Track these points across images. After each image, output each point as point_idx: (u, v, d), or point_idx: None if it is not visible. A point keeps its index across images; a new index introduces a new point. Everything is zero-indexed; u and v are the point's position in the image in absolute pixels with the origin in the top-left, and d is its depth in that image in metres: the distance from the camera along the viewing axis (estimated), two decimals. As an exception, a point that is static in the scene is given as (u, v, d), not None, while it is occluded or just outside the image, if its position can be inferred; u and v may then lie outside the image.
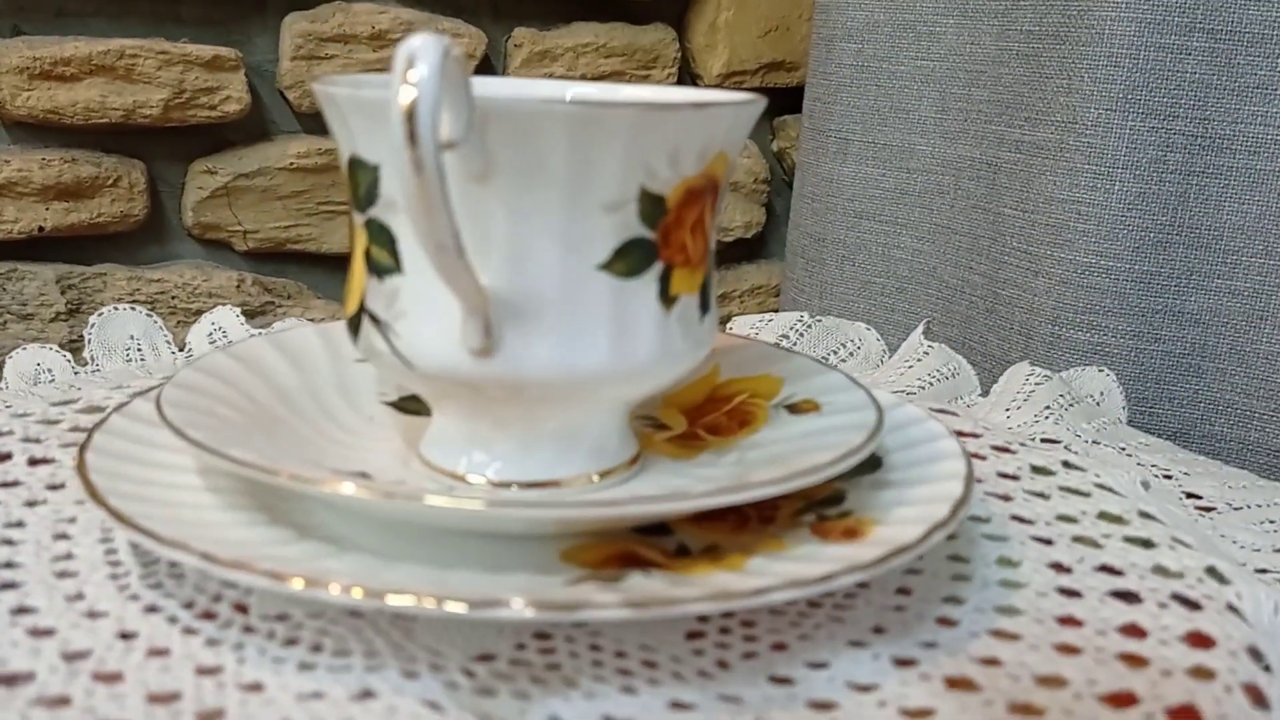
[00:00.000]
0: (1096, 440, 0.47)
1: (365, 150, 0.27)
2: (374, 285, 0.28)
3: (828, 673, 0.24)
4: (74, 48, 0.67)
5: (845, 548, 0.25)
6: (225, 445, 0.26)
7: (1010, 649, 0.26)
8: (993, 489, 0.38)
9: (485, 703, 0.22)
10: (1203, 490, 0.42)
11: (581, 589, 0.24)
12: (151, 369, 0.55)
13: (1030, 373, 0.51)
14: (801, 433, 0.32)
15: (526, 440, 0.29)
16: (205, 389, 0.30)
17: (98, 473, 0.26)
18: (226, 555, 0.23)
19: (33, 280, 0.70)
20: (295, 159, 0.74)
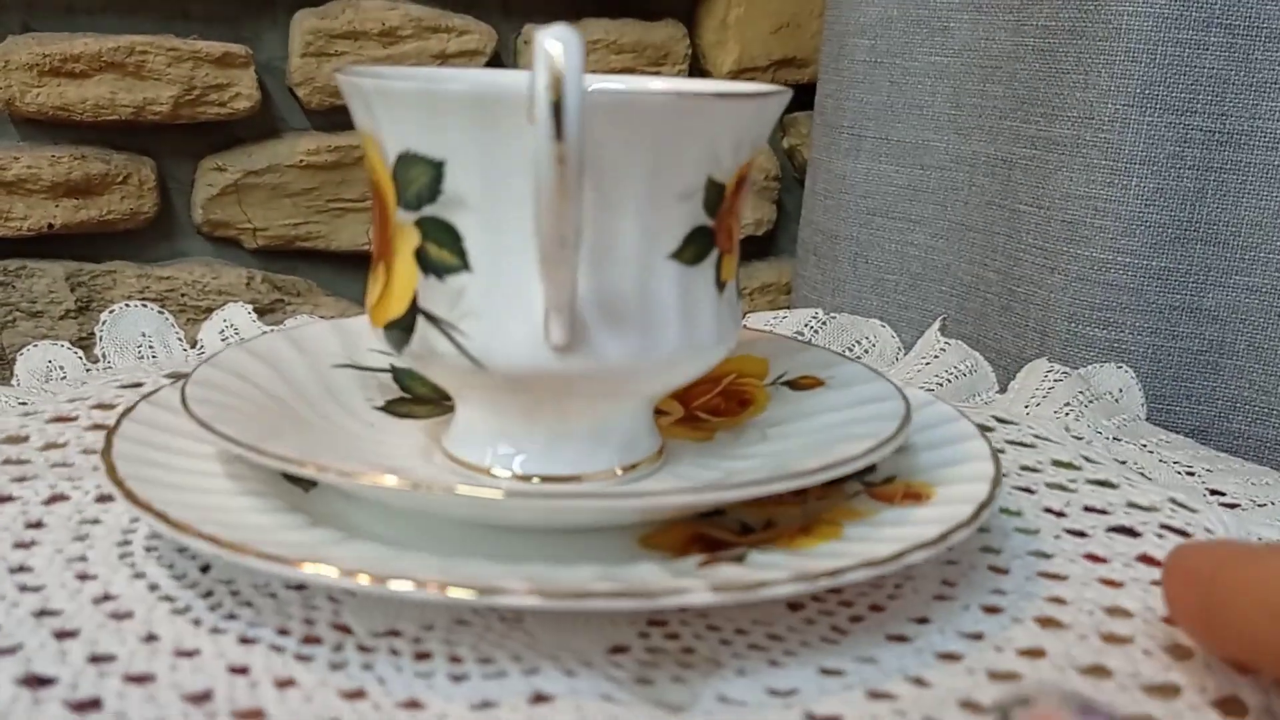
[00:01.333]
0: (1117, 437, 0.46)
1: (425, 146, 0.26)
2: (431, 285, 0.27)
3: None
4: (84, 44, 0.67)
5: (922, 509, 0.26)
6: (255, 440, 0.25)
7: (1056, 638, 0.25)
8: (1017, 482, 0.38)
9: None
10: (1226, 487, 0.42)
11: (679, 578, 0.24)
12: (163, 366, 0.55)
13: (1049, 369, 0.51)
14: (818, 408, 0.32)
15: (553, 435, 0.29)
16: (226, 385, 0.30)
17: (123, 459, 0.26)
18: (234, 539, 0.23)
19: (42, 277, 0.70)
20: (305, 156, 0.74)
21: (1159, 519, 0.34)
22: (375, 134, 0.27)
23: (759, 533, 0.28)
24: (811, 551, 0.25)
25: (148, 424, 0.29)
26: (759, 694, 0.23)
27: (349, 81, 0.27)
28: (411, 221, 0.27)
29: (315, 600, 0.26)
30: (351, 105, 0.28)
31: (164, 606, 0.25)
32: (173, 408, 0.30)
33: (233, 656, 0.23)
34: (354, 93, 0.27)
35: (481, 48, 0.76)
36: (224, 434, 0.25)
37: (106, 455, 0.26)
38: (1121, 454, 0.44)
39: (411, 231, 0.27)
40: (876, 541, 0.25)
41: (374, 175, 0.28)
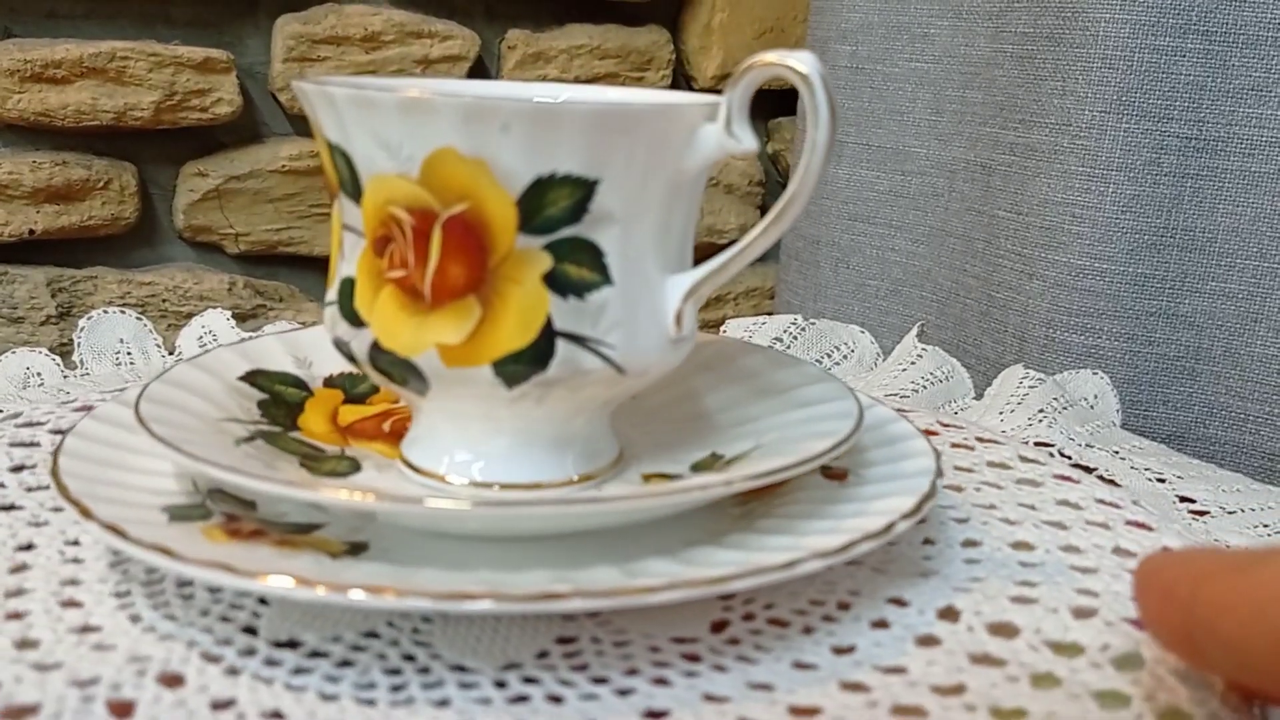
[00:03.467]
0: (1090, 444, 0.47)
1: (581, 167, 0.26)
2: (570, 306, 0.27)
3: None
4: (65, 50, 0.66)
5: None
6: (209, 454, 0.25)
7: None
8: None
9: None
10: (1196, 494, 0.42)
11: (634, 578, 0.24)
12: (141, 372, 0.55)
13: (1024, 376, 0.51)
14: (749, 393, 0.34)
15: (513, 443, 0.29)
16: (177, 401, 0.30)
17: (71, 476, 0.26)
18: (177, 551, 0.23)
19: (23, 283, 0.70)
20: (287, 161, 0.74)
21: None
22: (491, 164, 0.25)
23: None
24: (765, 544, 0.26)
25: (94, 438, 0.29)
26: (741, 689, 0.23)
27: (465, 105, 0.25)
28: (539, 246, 0.26)
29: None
30: (480, 130, 0.25)
31: (112, 603, 0.25)
32: (122, 425, 0.29)
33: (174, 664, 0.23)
34: (499, 115, 0.25)
35: (465, 53, 0.76)
36: (181, 449, 0.25)
37: (55, 470, 0.26)
38: (1093, 460, 0.44)
39: (538, 257, 0.26)
40: (830, 534, 0.25)
41: (474, 208, 0.26)
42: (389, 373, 0.28)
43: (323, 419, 0.32)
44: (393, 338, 0.27)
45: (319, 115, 0.27)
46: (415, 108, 0.25)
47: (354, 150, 0.27)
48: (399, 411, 0.33)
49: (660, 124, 0.27)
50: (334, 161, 0.27)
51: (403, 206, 0.26)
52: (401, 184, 0.26)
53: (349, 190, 0.27)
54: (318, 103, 0.27)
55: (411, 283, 0.27)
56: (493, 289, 0.26)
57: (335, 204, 0.29)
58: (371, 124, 0.26)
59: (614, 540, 0.26)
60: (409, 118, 0.25)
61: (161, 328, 0.73)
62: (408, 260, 0.26)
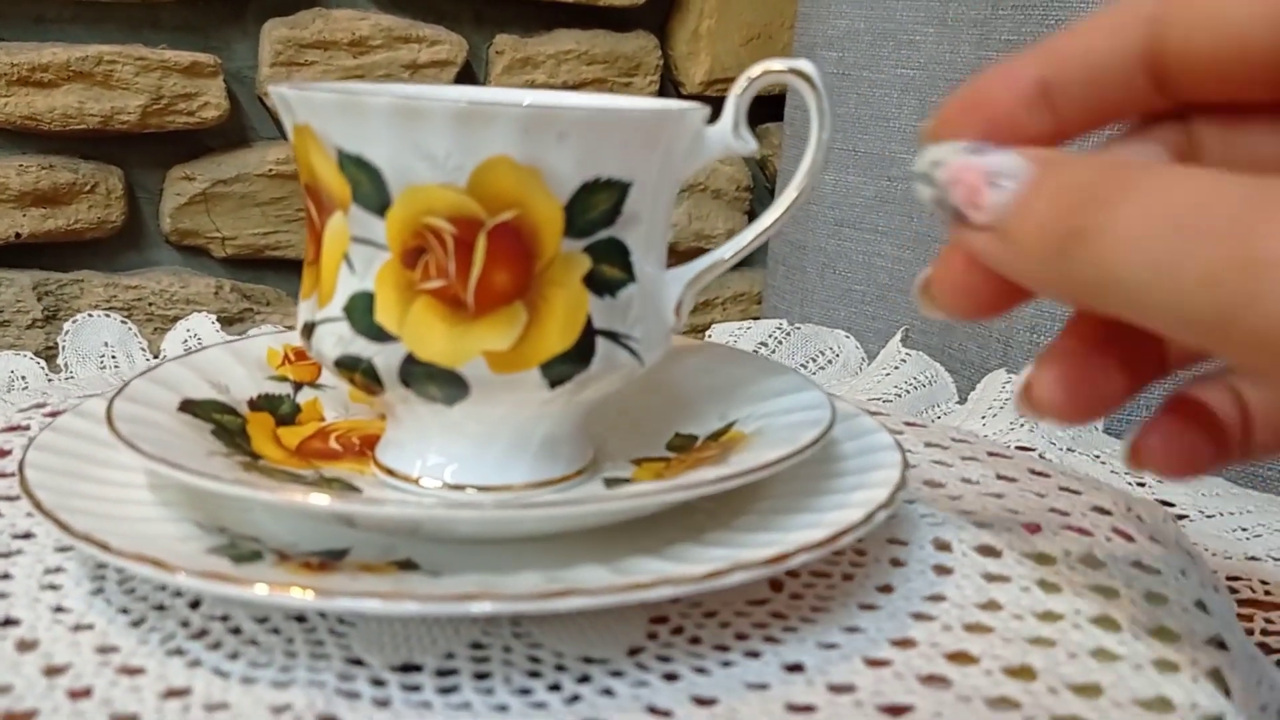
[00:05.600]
0: (1071, 448, 0.47)
1: (620, 171, 0.27)
2: (606, 304, 0.28)
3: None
4: (52, 54, 0.66)
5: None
6: (178, 457, 0.25)
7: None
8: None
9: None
10: (1175, 498, 0.42)
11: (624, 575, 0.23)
12: (125, 375, 0.55)
13: (1007, 380, 0.51)
14: (707, 383, 0.34)
15: (479, 444, 0.29)
16: (152, 399, 0.29)
17: (40, 483, 0.25)
18: (126, 548, 0.22)
19: (9, 287, 0.70)
20: (274, 165, 0.74)
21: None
22: (538, 169, 0.25)
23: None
24: (750, 539, 0.25)
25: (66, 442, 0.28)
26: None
27: (525, 115, 0.25)
28: (581, 249, 0.27)
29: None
30: (530, 137, 0.25)
31: (75, 635, 0.25)
32: (89, 431, 0.29)
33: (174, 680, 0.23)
34: (537, 126, 0.25)
35: (453, 58, 0.76)
36: (150, 454, 0.25)
37: (22, 473, 0.26)
38: (1074, 465, 0.44)
39: (580, 259, 0.27)
40: (815, 528, 0.25)
41: (523, 215, 0.26)
42: (420, 385, 0.27)
43: (271, 444, 0.31)
44: (431, 349, 0.26)
45: (328, 126, 0.26)
46: (471, 117, 0.25)
47: (382, 161, 0.26)
48: (333, 428, 0.33)
49: (679, 128, 0.28)
50: (346, 173, 0.26)
51: (443, 217, 0.26)
52: (444, 194, 0.25)
53: (369, 202, 0.26)
54: (330, 113, 0.26)
55: (452, 293, 0.26)
56: (538, 293, 0.27)
57: (333, 218, 0.27)
58: (414, 134, 0.25)
59: (598, 539, 0.26)
60: (462, 128, 0.25)
61: (148, 331, 0.73)
62: (447, 270, 0.26)
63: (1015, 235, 0.22)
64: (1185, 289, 0.19)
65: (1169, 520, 0.33)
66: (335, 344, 0.28)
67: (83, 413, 0.31)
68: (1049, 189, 0.22)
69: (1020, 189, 0.22)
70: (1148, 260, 0.20)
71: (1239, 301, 0.19)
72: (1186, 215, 0.19)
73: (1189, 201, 0.20)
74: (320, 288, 0.28)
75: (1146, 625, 0.26)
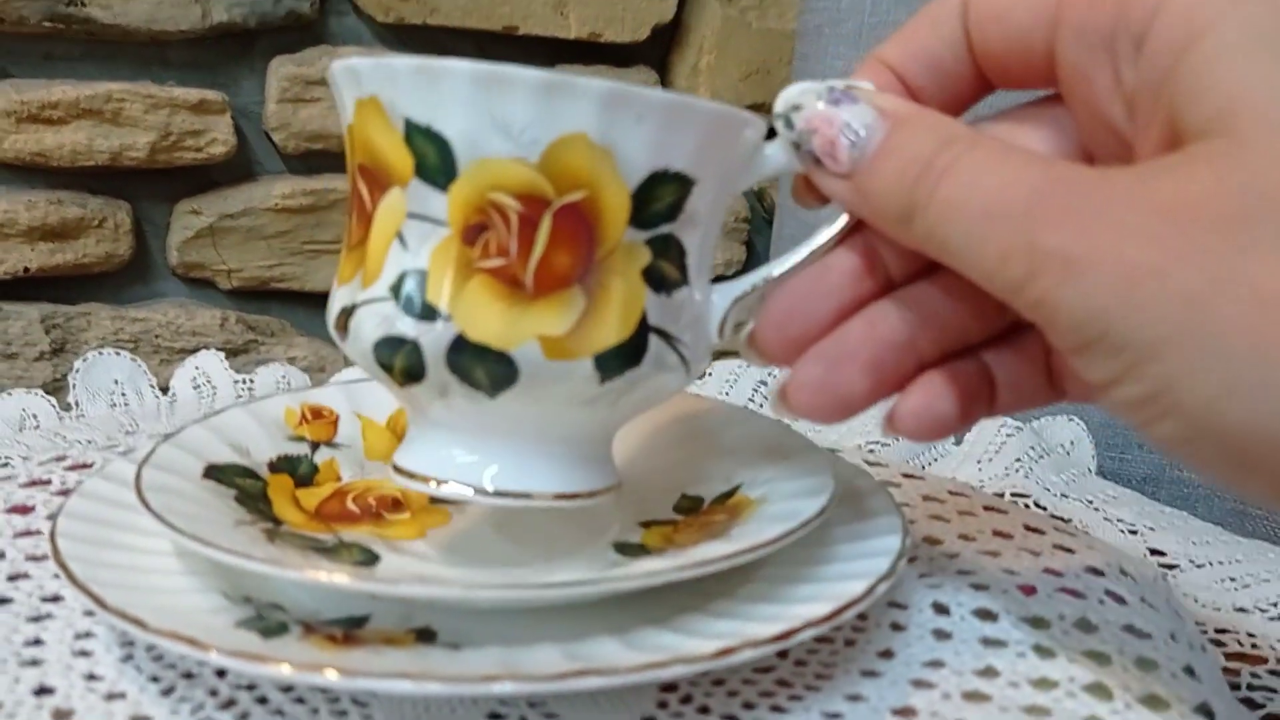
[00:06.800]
0: (1065, 494, 0.48)
1: (688, 166, 0.26)
2: (661, 302, 0.27)
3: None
4: (61, 91, 0.67)
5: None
6: (206, 529, 0.26)
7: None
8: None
9: None
10: (1166, 546, 0.43)
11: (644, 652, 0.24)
12: (135, 413, 0.56)
13: (1002, 424, 0.52)
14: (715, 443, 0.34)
15: (511, 445, 0.28)
16: (177, 466, 0.30)
17: (71, 553, 0.26)
18: (160, 625, 0.23)
19: (17, 320, 0.70)
20: (280, 199, 0.75)
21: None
22: (612, 151, 0.25)
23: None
24: (756, 613, 0.26)
25: (95, 508, 0.29)
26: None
27: (607, 90, 0.25)
28: (643, 240, 0.27)
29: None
30: (613, 125, 0.25)
31: (105, 705, 0.26)
32: (118, 497, 0.29)
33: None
34: (617, 104, 0.25)
35: (456, 93, 0.78)
36: (176, 526, 0.26)
37: (54, 545, 0.27)
38: (1067, 511, 0.45)
39: (641, 251, 0.27)
40: (819, 600, 0.26)
41: (591, 197, 0.26)
42: (467, 368, 0.26)
43: (292, 507, 0.32)
44: (485, 329, 0.26)
45: (399, 95, 0.26)
46: (555, 88, 0.24)
47: (454, 132, 0.25)
48: (349, 489, 0.33)
49: (744, 134, 0.27)
50: (412, 145, 0.26)
51: (510, 193, 0.25)
52: (515, 169, 0.25)
53: (433, 176, 0.26)
54: (405, 81, 0.25)
55: (511, 272, 0.26)
56: (598, 281, 0.26)
57: (388, 195, 0.27)
58: (494, 103, 0.25)
59: (609, 604, 0.27)
60: (546, 99, 0.25)
61: (154, 363, 0.74)
62: (508, 249, 0.26)
63: (866, 191, 0.26)
64: (989, 262, 0.23)
65: (1159, 580, 0.34)
66: (378, 325, 0.27)
67: (108, 476, 0.31)
68: (895, 156, 0.25)
69: (872, 147, 0.26)
70: (962, 234, 0.24)
71: (1024, 277, 0.23)
72: (990, 199, 0.23)
73: (993, 185, 0.23)
74: (366, 268, 0.27)
75: (1138, 693, 0.27)
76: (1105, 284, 0.22)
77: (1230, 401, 0.21)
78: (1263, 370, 0.20)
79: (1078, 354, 0.23)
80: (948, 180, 0.24)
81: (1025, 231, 0.23)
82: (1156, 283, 0.21)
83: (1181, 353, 0.21)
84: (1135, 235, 0.21)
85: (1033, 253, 0.22)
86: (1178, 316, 0.21)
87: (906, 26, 0.28)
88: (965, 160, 0.24)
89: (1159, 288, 0.21)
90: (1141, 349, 0.21)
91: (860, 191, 0.26)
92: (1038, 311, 0.23)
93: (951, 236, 0.24)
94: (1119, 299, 0.21)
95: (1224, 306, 0.20)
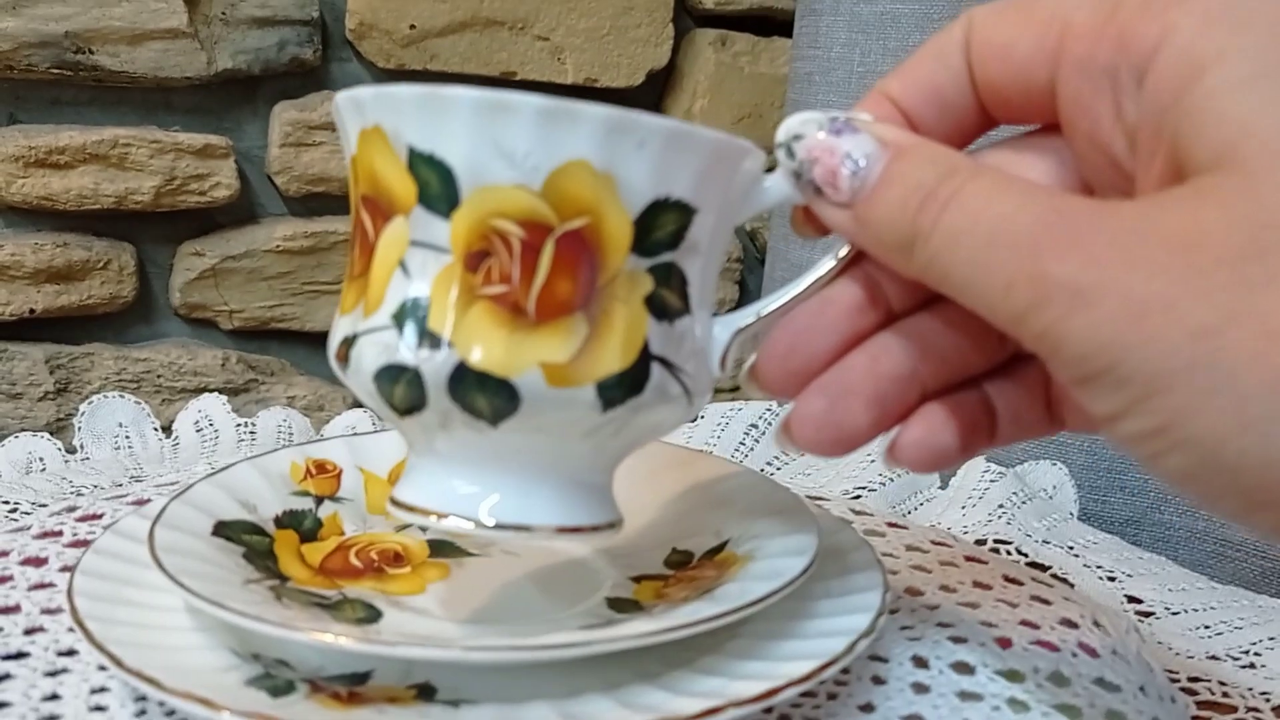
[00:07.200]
0: (1047, 540, 0.49)
1: (689, 194, 0.27)
2: (663, 331, 0.27)
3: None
4: (69, 137, 0.69)
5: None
6: (218, 589, 0.27)
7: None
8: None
9: None
10: (1144, 593, 0.44)
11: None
12: (139, 457, 0.57)
13: (985, 470, 0.54)
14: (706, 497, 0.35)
15: (511, 476, 0.28)
16: (188, 525, 0.31)
17: (89, 612, 0.27)
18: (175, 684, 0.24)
19: (22, 360, 0.72)
20: (282, 241, 0.76)
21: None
22: (614, 177, 0.25)
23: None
24: (742, 670, 0.28)
25: (110, 565, 0.30)
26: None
27: (609, 117, 0.25)
28: (645, 268, 0.27)
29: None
30: (614, 152, 0.25)
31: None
32: (132, 553, 0.31)
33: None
34: (619, 131, 0.25)
35: (454, 137, 0.79)
36: (191, 589, 0.27)
37: (70, 600, 0.28)
38: (1049, 558, 0.47)
39: (643, 278, 0.27)
40: (801, 659, 0.27)
41: (593, 224, 0.26)
42: (468, 396, 0.26)
43: (297, 563, 0.33)
44: (486, 356, 0.26)
45: (403, 124, 0.26)
46: (558, 115, 0.25)
47: (457, 159, 0.25)
48: (352, 543, 0.35)
49: (745, 164, 0.28)
50: (415, 173, 0.26)
51: (513, 219, 0.25)
52: (518, 195, 0.25)
53: (436, 203, 0.26)
54: (409, 109, 0.26)
55: (514, 299, 0.26)
56: (600, 307, 0.26)
57: (391, 224, 0.27)
58: (497, 130, 0.25)
59: (603, 663, 0.28)
60: (547, 125, 0.25)
61: (156, 403, 0.75)
62: (511, 275, 0.26)
63: (867, 221, 0.26)
64: (993, 291, 0.23)
65: (1131, 630, 0.36)
66: (379, 353, 0.27)
67: (121, 532, 0.33)
68: (897, 185, 0.25)
69: (874, 176, 0.26)
70: (967, 263, 0.24)
71: (1029, 307, 0.22)
72: (995, 229, 0.23)
73: (998, 214, 0.23)
74: (368, 297, 0.27)
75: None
76: (1113, 315, 0.21)
77: (1241, 436, 0.20)
78: (1274, 404, 0.20)
79: (1082, 386, 0.23)
80: (951, 209, 0.24)
81: (1031, 260, 0.22)
82: (1166, 315, 0.21)
83: (1191, 386, 0.21)
84: (1144, 267, 0.21)
85: (1039, 282, 0.22)
86: (1187, 350, 0.21)
87: (910, 59, 0.28)
88: (969, 189, 0.24)
89: (1168, 320, 0.21)
90: (1150, 382, 0.21)
91: (861, 220, 0.26)
92: (1042, 342, 0.23)
93: (955, 266, 0.24)
94: (1127, 331, 0.21)
95: (1235, 340, 0.20)
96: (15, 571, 0.35)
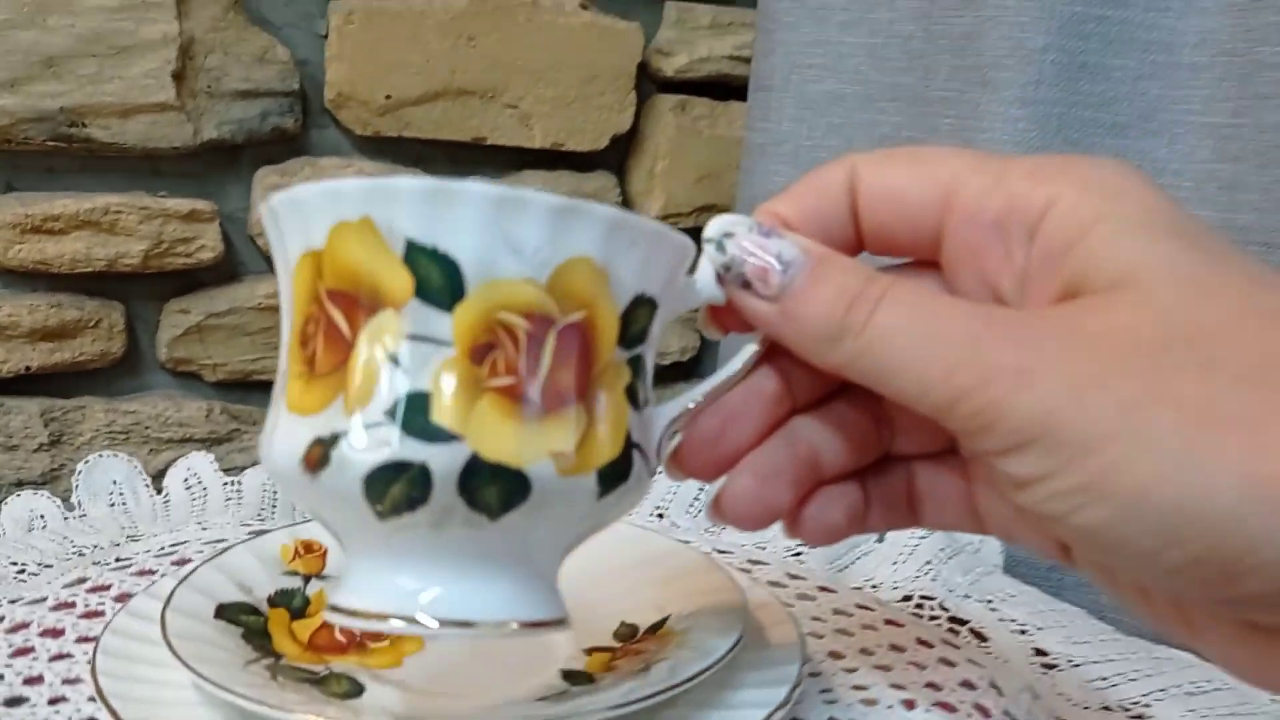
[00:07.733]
0: (968, 595, 0.54)
1: (656, 291, 0.28)
2: (638, 419, 0.29)
3: None
4: (63, 205, 0.73)
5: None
6: (223, 672, 0.32)
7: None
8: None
9: None
10: (1050, 646, 0.49)
11: None
12: (134, 514, 0.61)
13: (917, 527, 0.58)
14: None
15: (471, 572, 0.28)
16: (193, 609, 0.36)
17: (112, 691, 0.32)
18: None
19: (18, 414, 0.76)
20: (264, 299, 0.81)
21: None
22: (609, 273, 0.27)
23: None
24: None
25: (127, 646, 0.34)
26: None
27: (612, 217, 0.26)
28: (625, 360, 0.28)
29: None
30: (606, 246, 0.27)
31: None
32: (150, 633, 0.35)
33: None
34: (618, 230, 0.27)
35: (428, 198, 0.84)
36: (202, 674, 0.31)
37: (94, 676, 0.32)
38: (969, 612, 0.52)
39: (625, 370, 0.28)
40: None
41: (589, 317, 0.27)
42: (480, 489, 0.26)
43: (288, 639, 0.36)
44: (500, 448, 0.26)
45: (400, 217, 0.26)
46: (568, 213, 0.26)
47: (464, 253, 0.26)
48: None
49: (690, 260, 0.30)
50: (412, 267, 0.26)
51: (519, 312, 0.26)
52: (525, 289, 0.26)
53: (438, 296, 0.26)
54: (410, 202, 0.26)
55: (521, 390, 0.26)
56: (594, 397, 0.27)
57: (376, 317, 0.26)
58: (507, 225, 0.25)
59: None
60: (558, 222, 0.26)
61: (144, 453, 0.79)
62: (518, 367, 0.26)
63: (794, 316, 0.28)
64: (929, 377, 0.26)
65: (1025, 691, 0.41)
66: (376, 451, 0.26)
67: (134, 613, 0.37)
68: (828, 285, 0.28)
69: (803, 279, 0.28)
70: (903, 354, 0.27)
71: (971, 388, 0.26)
72: (932, 326, 0.26)
73: (930, 313, 0.27)
74: (349, 394, 0.26)
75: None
76: (1056, 390, 0.25)
77: (1161, 486, 0.24)
78: (1190, 464, 0.24)
79: (1010, 454, 0.26)
80: (883, 309, 0.27)
81: (972, 350, 0.26)
82: (1100, 390, 0.25)
83: (1119, 448, 0.24)
84: (1077, 354, 0.25)
85: (980, 367, 0.26)
86: (1117, 419, 0.24)
87: (794, 188, 0.31)
88: (895, 293, 0.27)
89: (1102, 394, 0.25)
90: (1083, 445, 0.24)
91: (787, 315, 0.28)
92: (976, 419, 0.26)
93: (888, 357, 0.27)
94: (1066, 404, 0.25)
95: (1157, 413, 0.24)
96: (36, 643, 0.39)
